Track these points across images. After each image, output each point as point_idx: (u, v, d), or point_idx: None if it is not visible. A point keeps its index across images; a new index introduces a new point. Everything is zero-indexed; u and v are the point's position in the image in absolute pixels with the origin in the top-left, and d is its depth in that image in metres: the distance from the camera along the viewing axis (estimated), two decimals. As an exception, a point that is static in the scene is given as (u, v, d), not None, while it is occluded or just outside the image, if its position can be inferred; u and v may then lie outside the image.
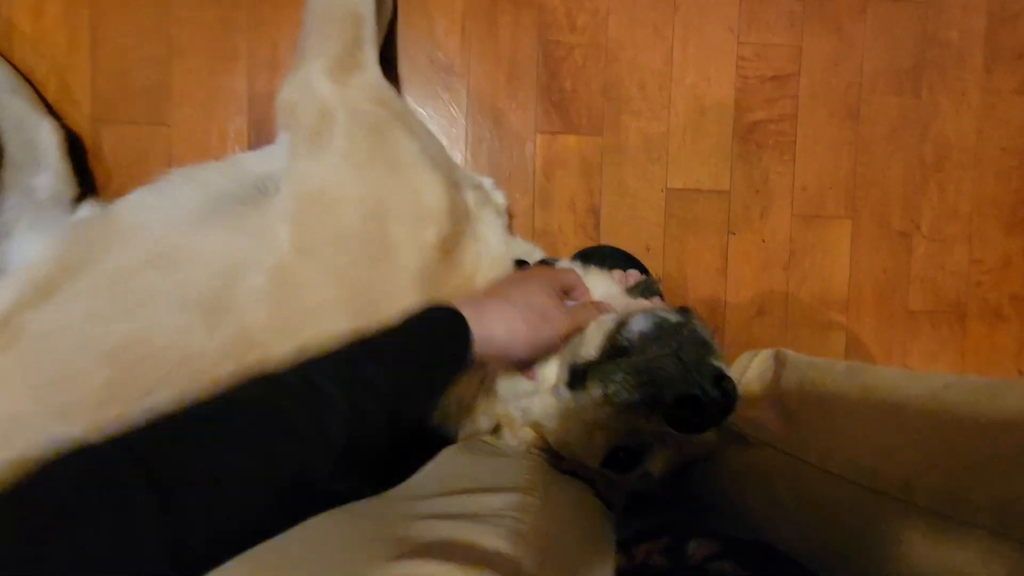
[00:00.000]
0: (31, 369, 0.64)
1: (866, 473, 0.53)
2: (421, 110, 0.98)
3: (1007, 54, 1.06)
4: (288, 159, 0.74)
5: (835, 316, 1.07)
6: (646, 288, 0.97)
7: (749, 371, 0.75)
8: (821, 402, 0.64)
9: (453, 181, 0.77)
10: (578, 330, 0.64)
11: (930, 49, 1.06)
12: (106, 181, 0.93)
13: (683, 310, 0.62)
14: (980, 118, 1.07)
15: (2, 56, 0.86)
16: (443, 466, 0.62)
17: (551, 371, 0.66)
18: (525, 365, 0.66)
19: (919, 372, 0.67)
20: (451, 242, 0.72)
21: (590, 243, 1.01)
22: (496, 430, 0.74)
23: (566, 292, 0.70)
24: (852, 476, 0.54)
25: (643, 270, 1.00)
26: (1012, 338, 1.10)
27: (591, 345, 0.61)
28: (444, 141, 0.98)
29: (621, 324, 0.58)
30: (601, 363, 0.58)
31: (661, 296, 0.99)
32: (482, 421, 0.73)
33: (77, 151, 0.91)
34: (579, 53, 0.99)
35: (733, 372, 0.79)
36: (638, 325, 0.57)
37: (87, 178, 0.91)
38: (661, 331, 0.56)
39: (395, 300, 0.68)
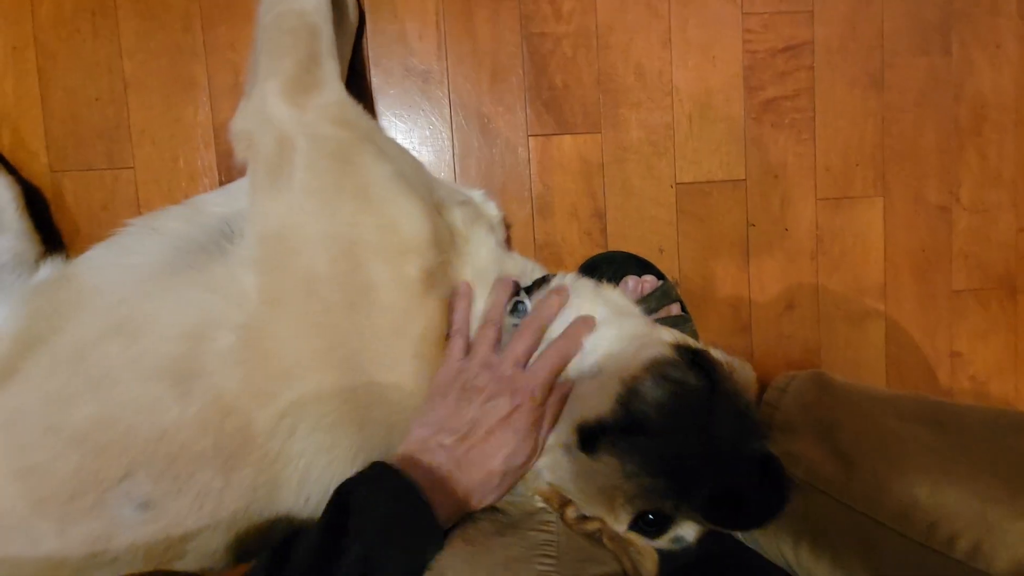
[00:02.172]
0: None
1: (964, 545, 0.44)
2: (400, 123, 0.90)
3: (1046, -4, 0.95)
4: (249, 196, 0.67)
5: (872, 303, 0.98)
6: (663, 295, 0.89)
7: (787, 395, 0.66)
8: (884, 445, 0.55)
9: (434, 202, 0.69)
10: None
11: (958, -1, 0.95)
12: (73, 235, 0.86)
13: (700, 360, 0.52)
14: (1020, 71, 0.96)
15: (-56, 112, 0.80)
16: None
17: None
18: None
19: (995, 407, 0.56)
20: (438, 273, 0.65)
21: (598, 250, 0.93)
22: None
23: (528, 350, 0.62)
24: (941, 547, 0.45)
25: (659, 275, 0.92)
26: (1070, 310, 1.00)
27: (596, 402, 0.53)
28: (428, 155, 0.90)
29: (632, 390, 0.49)
30: (614, 436, 0.49)
31: (680, 302, 0.91)
32: None
33: (38, 205, 0.85)
34: (567, 44, 0.90)
35: (767, 397, 0.71)
36: (653, 392, 0.48)
37: (52, 233, 0.85)
38: (682, 402, 0.47)
39: (381, 345, 0.61)
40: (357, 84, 0.88)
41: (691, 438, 0.45)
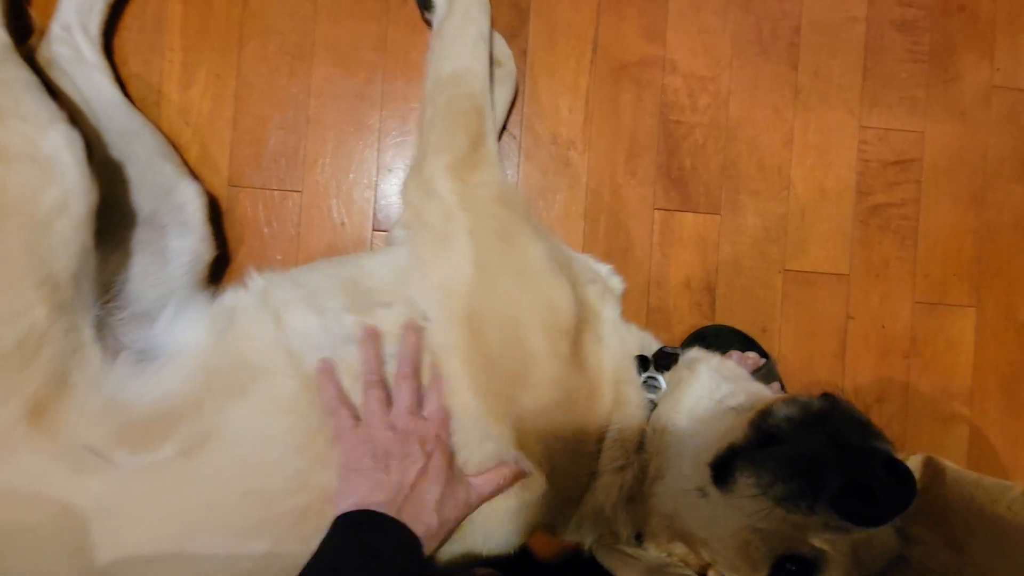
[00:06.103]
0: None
1: None
2: (542, 183, 0.99)
3: None
4: (412, 263, 0.73)
5: (958, 408, 1.02)
6: (768, 373, 0.94)
7: None
8: (996, 535, 0.59)
9: (576, 281, 0.74)
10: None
11: (1057, 137, 1.04)
12: (237, 244, 0.95)
13: (825, 395, 0.59)
14: (1112, 209, 1.03)
15: (154, 124, 0.91)
16: None
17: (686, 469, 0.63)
18: None
19: None
20: (579, 348, 0.70)
21: (705, 322, 0.99)
22: (639, 538, 0.70)
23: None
24: None
25: (761, 352, 0.97)
26: None
27: (729, 434, 0.58)
28: (563, 213, 0.99)
29: (764, 412, 0.55)
30: (749, 453, 0.55)
31: (780, 381, 0.96)
32: (622, 531, 0.70)
33: (212, 214, 0.94)
34: (699, 132, 1.00)
35: None
36: (782, 410, 0.54)
37: (220, 241, 0.94)
38: (809, 415, 0.53)
39: (535, 414, 0.67)
40: (509, 145, 0.98)
41: (819, 438, 0.50)
